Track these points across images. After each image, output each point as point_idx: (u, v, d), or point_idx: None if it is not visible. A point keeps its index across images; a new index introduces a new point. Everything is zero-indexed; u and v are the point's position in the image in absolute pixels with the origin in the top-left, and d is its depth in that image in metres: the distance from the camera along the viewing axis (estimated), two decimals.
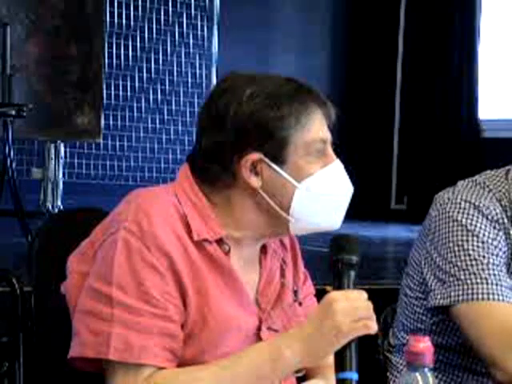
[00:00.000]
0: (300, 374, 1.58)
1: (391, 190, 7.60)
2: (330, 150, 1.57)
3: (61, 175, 5.10)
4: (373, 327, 1.41)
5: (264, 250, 1.64)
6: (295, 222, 1.55)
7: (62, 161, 5.13)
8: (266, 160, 1.52)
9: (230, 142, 1.52)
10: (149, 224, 1.47)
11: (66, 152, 5.50)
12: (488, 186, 1.85)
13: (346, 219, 1.62)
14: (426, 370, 1.18)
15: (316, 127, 1.54)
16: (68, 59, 4.96)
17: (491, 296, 1.72)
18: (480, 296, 1.73)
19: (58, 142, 5.06)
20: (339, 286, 1.44)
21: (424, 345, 1.18)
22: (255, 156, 1.51)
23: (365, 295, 1.43)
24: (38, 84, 4.86)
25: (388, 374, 1.96)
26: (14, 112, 4.28)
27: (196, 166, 1.57)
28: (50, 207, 4.94)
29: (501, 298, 1.73)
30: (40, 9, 4.88)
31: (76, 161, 6.13)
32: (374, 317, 1.42)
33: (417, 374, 1.18)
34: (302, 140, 1.52)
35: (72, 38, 4.98)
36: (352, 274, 1.44)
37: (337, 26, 7.63)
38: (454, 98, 7.03)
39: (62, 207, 4.99)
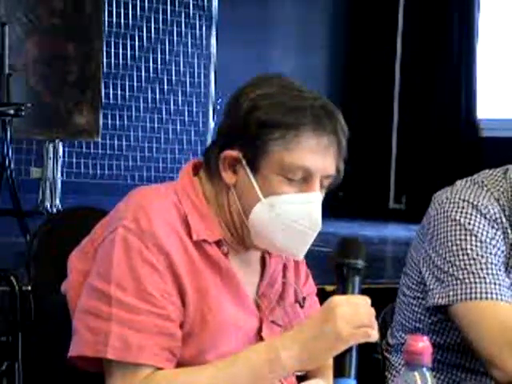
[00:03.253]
0: (300, 373, 1.58)
1: (389, 190, 7.60)
2: (313, 181, 1.51)
3: (59, 174, 5.11)
4: (374, 335, 1.40)
5: (268, 251, 1.64)
6: (254, 233, 1.54)
7: (60, 160, 5.14)
8: (243, 161, 1.51)
9: (226, 132, 1.55)
10: (148, 222, 1.47)
11: (64, 151, 5.50)
12: (486, 186, 1.85)
13: (345, 218, 1.62)
14: (425, 369, 1.18)
15: (301, 153, 1.48)
16: (67, 59, 4.97)
17: (489, 295, 1.73)
18: (478, 295, 1.73)
19: (57, 141, 5.06)
20: (343, 291, 1.42)
21: (422, 344, 1.19)
22: (236, 153, 1.51)
23: (368, 301, 1.42)
24: (36, 84, 4.86)
25: (386, 373, 1.96)
26: (12, 111, 4.28)
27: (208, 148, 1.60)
28: (49, 206, 4.95)
29: (499, 297, 1.73)
30: (39, 8, 4.88)
31: (75, 160, 6.13)
32: (376, 325, 1.42)
33: (415, 373, 1.18)
34: (280, 158, 1.48)
35: (71, 38, 4.99)
36: (357, 279, 1.42)
37: (336, 25, 7.63)
38: (452, 97, 7.04)
39: (60, 206, 4.99)
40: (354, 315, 1.39)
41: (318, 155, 1.50)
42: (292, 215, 1.51)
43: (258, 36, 7.06)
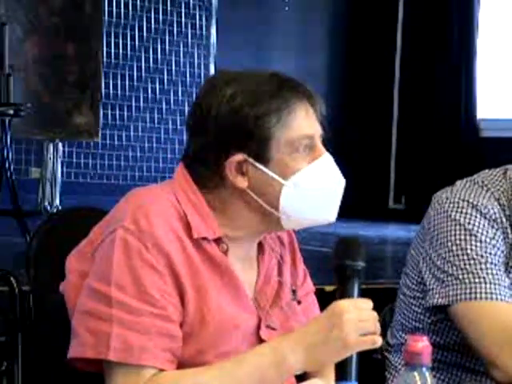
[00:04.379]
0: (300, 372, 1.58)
1: (389, 190, 7.60)
2: (318, 145, 1.55)
3: (59, 174, 5.10)
4: (379, 342, 1.41)
5: (261, 248, 1.64)
6: (287, 218, 1.55)
7: (60, 160, 5.14)
8: (250, 160, 1.52)
9: (214, 143, 1.53)
10: (147, 223, 1.47)
11: (64, 151, 5.50)
12: (486, 186, 1.85)
13: (344, 219, 1.62)
14: (424, 369, 1.18)
15: (299, 124, 1.53)
16: (66, 59, 4.97)
17: (489, 295, 1.73)
18: (478, 295, 1.73)
19: (57, 141, 5.06)
20: (344, 293, 1.42)
21: (422, 344, 1.18)
22: (239, 157, 1.51)
23: (371, 304, 1.43)
24: (36, 84, 4.86)
25: (386, 373, 1.96)
26: (12, 111, 4.28)
27: (187, 167, 1.58)
28: (49, 206, 4.94)
29: (499, 297, 1.73)
30: (38, 8, 4.88)
31: (74, 160, 6.13)
32: (379, 329, 1.42)
33: (415, 373, 1.18)
34: (285, 138, 1.51)
35: (70, 38, 4.99)
36: (357, 280, 1.43)
37: (336, 25, 7.63)
38: (452, 97, 7.04)
39: (60, 206, 4.99)
40: (360, 322, 1.39)
41: (310, 120, 1.55)
42: (318, 184, 1.54)
43: (259, 36, 7.06)
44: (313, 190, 1.54)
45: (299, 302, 1.67)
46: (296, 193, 1.53)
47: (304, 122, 1.53)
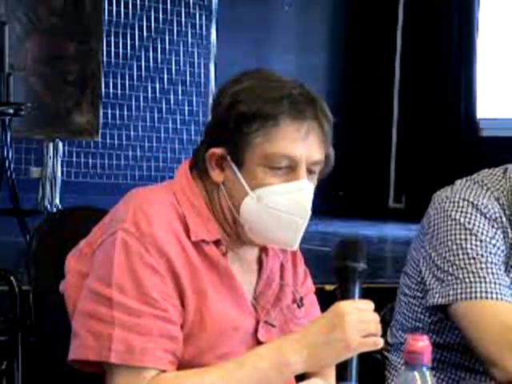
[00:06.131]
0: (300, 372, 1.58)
1: (389, 189, 7.60)
2: (299, 169, 1.50)
3: (59, 174, 5.10)
4: (381, 344, 1.42)
5: (265, 251, 1.64)
6: (249, 229, 1.54)
7: (60, 159, 5.14)
8: (228, 158, 1.52)
9: (210, 130, 1.56)
10: (147, 225, 1.47)
11: (64, 151, 5.50)
12: (486, 185, 1.85)
13: (345, 218, 1.62)
14: (424, 368, 1.18)
15: (282, 142, 1.48)
16: (66, 58, 4.97)
17: (489, 295, 1.73)
18: (479, 295, 1.73)
19: (57, 140, 5.06)
20: (345, 295, 1.42)
21: (422, 344, 1.18)
22: (218, 151, 1.52)
23: (372, 306, 1.43)
24: (36, 83, 4.86)
25: (386, 372, 1.96)
26: (12, 111, 4.28)
27: (194, 153, 1.60)
28: (49, 206, 4.94)
29: (499, 296, 1.73)
30: (38, 8, 4.88)
31: (74, 159, 6.13)
32: (380, 330, 1.42)
33: (415, 372, 1.18)
34: (262, 149, 1.48)
35: (70, 37, 4.99)
36: (358, 282, 1.43)
37: (336, 25, 7.63)
38: (452, 96, 7.04)
39: (60, 206, 4.99)
40: (362, 323, 1.40)
41: (299, 142, 1.49)
42: (280, 205, 1.51)
43: (258, 36, 7.06)
44: (273, 210, 1.50)
45: (299, 306, 1.67)
46: (257, 207, 1.50)
47: (289, 140, 1.48)
